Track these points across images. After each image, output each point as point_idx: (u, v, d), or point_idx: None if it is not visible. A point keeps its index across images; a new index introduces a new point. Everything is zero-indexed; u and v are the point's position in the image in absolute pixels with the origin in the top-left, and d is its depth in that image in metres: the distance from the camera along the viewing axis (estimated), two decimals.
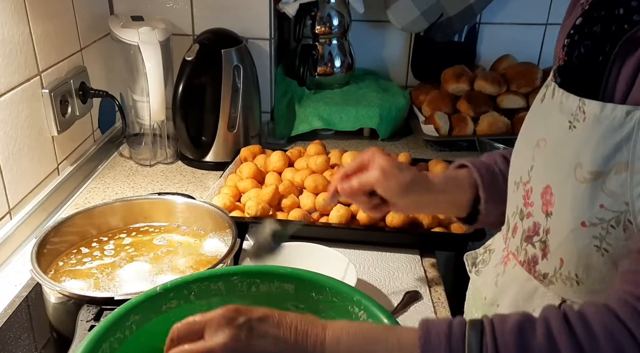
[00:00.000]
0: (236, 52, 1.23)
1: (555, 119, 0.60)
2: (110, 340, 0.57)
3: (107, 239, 0.90)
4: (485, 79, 1.41)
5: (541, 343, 0.43)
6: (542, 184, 0.61)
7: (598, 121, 0.53)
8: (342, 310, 0.64)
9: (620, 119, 0.52)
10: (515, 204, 0.67)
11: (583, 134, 0.55)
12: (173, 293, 0.64)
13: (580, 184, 0.55)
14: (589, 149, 0.54)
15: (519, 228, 0.66)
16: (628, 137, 0.51)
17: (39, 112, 1.06)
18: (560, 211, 0.58)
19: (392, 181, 0.74)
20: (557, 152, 0.59)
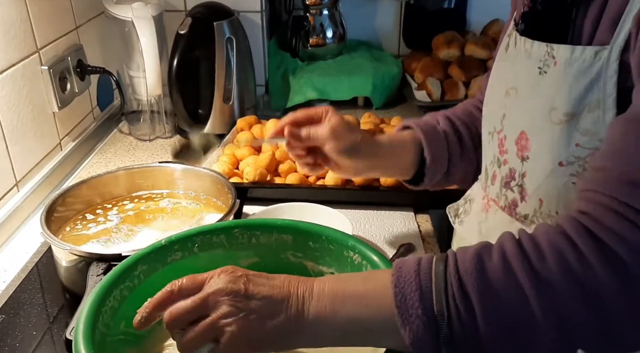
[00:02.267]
0: (228, 25, 1.25)
1: (524, 67, 0.62)
2: (120, 287, 0.61)
3: (110, 206, 0.94)
4: (475, 44, 1.43)
5: (497, 265, 0.47)
6: (516, 131, 0.64)
7: (569, 64, 0.56)
8: (338, 255, 0.67)
9: (590, 60, 0.54)
10: (492, 154, 0.70)
11: (555, 78, 0.57)
12: (177, 246, 0.67)
13: (556, 126, 0.57)
14: (562, 92, 0.56)
15: (498, 175, 0.69)
16: (598, 76, 0.54)
17: (40, 89, 1.09)
18: (538, 154, 0.61)
19: (340, 141, 0.74)
20: (529, 98, 0.61)
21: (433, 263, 0.49)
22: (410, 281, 0.48)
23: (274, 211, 0.93)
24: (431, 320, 0.47)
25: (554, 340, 0.45)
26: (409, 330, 0.47)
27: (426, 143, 0.78)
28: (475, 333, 0.46)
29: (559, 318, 0.45)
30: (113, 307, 0.60)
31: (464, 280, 0.47)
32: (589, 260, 0.45)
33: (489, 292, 0.46)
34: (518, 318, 0.46)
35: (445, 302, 0.47)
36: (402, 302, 0.47)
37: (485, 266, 0.47)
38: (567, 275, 0.45)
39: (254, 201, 1.02)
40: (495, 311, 0.46)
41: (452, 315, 0.46)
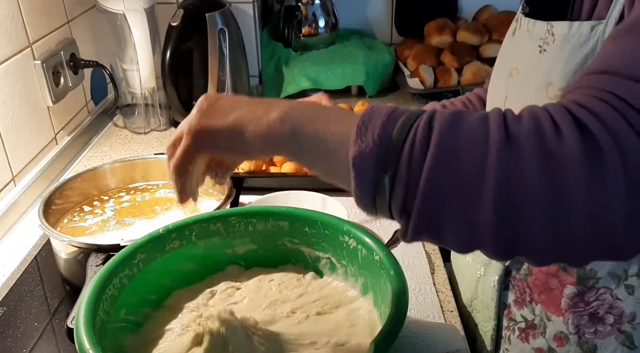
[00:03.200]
0: (220, 16, 1.25)
1: (526, 47, 0.62)
2: (120, 275, 0.62)
3: (107, 198, 0.95)
4: (467, 30, 1.44)
5: (474, 119, 0.43)
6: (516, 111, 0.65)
7: (566, 39, 0.56)
8: (334, 240, 0.68)
9: (586, 35, 0.54)
10: None
11: (553, 54, 0.58)
12: (175, 234, 0.68)
13: (552, 101, 0.58)
14: (559, 67, 0.57)
15: None
16: (593, 51, 0.54)
17: (33, 83, 1.09)
18: None
19: None
20: (529, 77, 0.62)
21: (412, 110, 0.45)
22: (381, 110, 0.44)
23: (270, 200, 0.94)
24: (384, 144, 0.42)
25: (499, 206, 0.40)
26: (357, 146, 0.43)
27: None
28: (419, 173, 0.41)
29: (513, 182, 0.40)
30: (113, 295, 0.61)
31: (434, 122, 0.42)
32: (562, 130, 0.40)
33: (453, 136, 0.41)
34: (469, 170, 0.41)
35: (406, 132, 0.42)
36: (364, 121, 0.44)
37: (461, 117, 0.43)
38: (536, 136, 0.40)
39: (250, 190, 1.03)
40: (449, 154, 0.41)
41: (405, 145, 0.42)
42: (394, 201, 0.43)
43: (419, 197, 0.41)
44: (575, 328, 0.62)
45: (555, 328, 0.63)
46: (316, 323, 0.62)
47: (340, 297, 0.67)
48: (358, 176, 0.43)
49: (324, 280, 0.71)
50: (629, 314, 0.59)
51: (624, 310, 0.59)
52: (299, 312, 0.64)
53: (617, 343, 0.61)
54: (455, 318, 0.76)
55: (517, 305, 0.68)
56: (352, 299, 0.67)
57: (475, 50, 1.44)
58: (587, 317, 0.61)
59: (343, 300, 0.66)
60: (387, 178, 0.42)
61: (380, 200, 0.43)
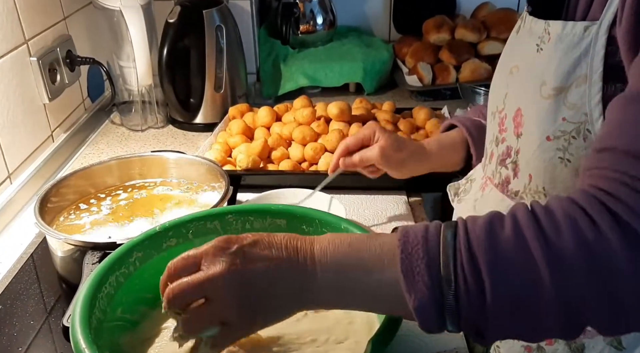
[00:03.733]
0: (218, 13, 1.25)
1: (525, 45, 0.63)
2: (116, 273, 0.62)
3: (104, 196, 0.94)
4: (465, 27, 1.43)
5: (509, 235, 0.45)
6: (514, 109, 0.65)
7: (560, 39, 0.56)
8: None
9: (580, 35, 0.55)
10: (492, 133, 0.71)
11: (547, 54, 0.58)
12: (172, 232, 0.68)
13: (545, 100, 0.58)
14: (552, 66, 0.57)
15: (495, 154, 0.70)
16: (586, 51, 0.54)
17: (29, 80, 1.09)
18: (529, 129, 0.62)
19: (391, 160, 0.84)
20: (526, 75, 0.62)
21: (441, 230, 0.47)
22: (417, 247, 0.47)
23: (267, 198, 0.94)
24: (437, 287, 0.45)
25: (562, 314, 0.44)
26: (414, 296, 0.46)
27: (472, 141, 0.83)
28: (482, 304, 0.45)
29: (569, 291, 0.43)
30: (109, 294, 0.60)
31: (474, 249, 0.45)
32: (603, 231, 0.43)
33: (500, 262, 0.44)
34: (527, 291, 0.44)
35: (453, 269, 0.45)
36: (408, 268, 0.46)
37: (497, 236, 0.45)
38: (582, 246, 0.43)
39: (247, 188, 1.03)
40: (504, 282, 0.44)
41: (459, 283, 0.45)
42: (464, 329, 0.47)
43: (490, 327, 0.46)
44: None
45: None
46: (315, 321, 0.62)
47: None
48: (424, 323, 0.47)
49: None
50: None
51: None
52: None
53: (605, 344, 0.61)
54: None
55: None
56: None
57: (474, 47, 1.43)
58: None
59: None
60: (451, 316, 0.46)
61: (447, 329, 0.48)
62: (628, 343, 0.60)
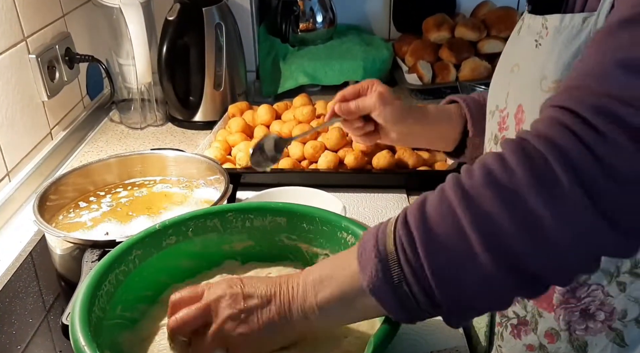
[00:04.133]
0: (217, 10, 1.24)
1: (525, 43, 0.62)
2: (116, 271, 0.61)
3: (104, 193, 0.94)
4: (465, 26, 1.43)
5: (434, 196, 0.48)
6: (515, 106, 0.64)
7: (558, 32, 0.56)
8: (332, 236, 0.68)
9: (578, 27, 0.54)
10: (490, 131, 0.71)
11: (546, 48, 0.58)
12: (172, 230, 0.68)
13: (546, 94, 0.58)
14: (552, 60, 0.56)
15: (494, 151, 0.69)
16: (585, 43, 0.54)
17: (28, 78, 1.08)
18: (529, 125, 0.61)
19: (389, 106, 0.79)
20: (527, 72, 0.62)
21: (392, 218, 0.51)
22: (369, 237, 0.50)
23: (267, 196, 0.94)
24: (383, 262, 0.48)
25: (492, 258, 0.44)
26: (367, 277, 0.48)
27: (470, 115, 0.81)
28: (421, 267, 0.46)
29: (485, 227, 0.44)
30: (109, 292, 0.60)
31: (408, 218, 0.48)
32: (510, 164, 0.44)
33: (426, 221, 0.47)
34: (452, 238, 0.45)
35: (392, 242, 0.48)
36: (361, 256, 0.50)
37: (426, 201, 0.48)
38: (487, 181, 0.44)
39: (247, 186, 1.02)
40: (432, 238, 0.46)
41: (398, 252, 0.47)
42: (422, 304, 0.48)
43: (435, 285, 0.46)
44: (566, 325, 0.61)
45: (546, 324, 0.63)
46: None
47: None
48: (382, 300, 0.48)
49: None
50: (620, 311, 0.59)
51: (615, 307, 0.59)
52: None
53: (608, 341, 0.61)
54: None
55: None
56: None
57: (474, 46, 1.43)
58: (578, 313, 0.61)
59: None
60: (403, 286, 0.47)
61: (414, 309, 0.48)
62: (631, 340, 0.60)
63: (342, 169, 1.04)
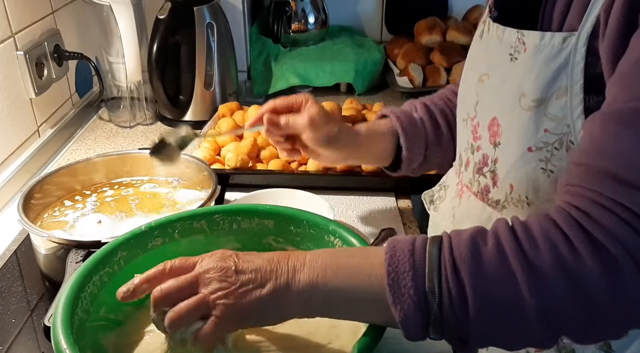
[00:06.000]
0: (209, 10, 1.24)
1: (496, 54, 0.62)
2: (100, 273, 0.61)
3: (89, 192, 0.93)
4: (457, 30, 1.44)
5: (491, 251, 0.47)
6: (488, 117, 0.64)
7: (538, 50, 0.56)
8: (319, 240, 0.68)
9: (558, 46, 0.54)
10: (466, 140, 0.71)
11: (524, 64, 0.58)
12: (158, 231, 0.67)
13: (525, 112, 0.58)
14: (531, 78, 0.57)
15: (471, 161, 0.69)
16: (566, 63, 0.54)
17: (16, 74, 1.07)
18: (508, 140, 0.61)
19: (318, 132, 0.76)
20: (500, 85, 0.62)
21: (427, 244, 0.50)
22: (403, 261, 0.49)
23: (255, 197, 0.93)
24: (422, 300, 0.47)
25: (541, 329, 0.46)
26: (399, 309, 0.47)
27: (402, 131, 0.80)
28: (465, 317, 0.47)
29: (547, 307, 0.46)
30: (92, 293, 0.59)
31: (458, 263, 0.47)
32: (580, 252, 0.45)
33: (482, 277, 0.47)
34: (508, 305, 0.46)
35: (437, 283, 0.47)
36: (394, 281, 0.48)
37: (480, 251, 0.47)
38: (559, 265, 0.45)
39: (235, 187, 1.02)
40: (486, 296, 0.46)
41: (443, 296, 0.47)
42: (447, 338, 0.49)
43: (472, 339, 0.48)
44: None
45: None
46: (296, 325, 0.61)
47: None
48: (409, 333, 0.49)
49: None
50: None
51: None
52: None
53: (595, 348, 0.61)
54: None
55: None
56: None
57: (465, 50, 1.42)
58: None
59: None
60: (435, 327, 0.48)
61: (433, 338, 0.49)
62: (618, 347, 0.60)
63: (331, 172, 1.04)
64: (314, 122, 0.76)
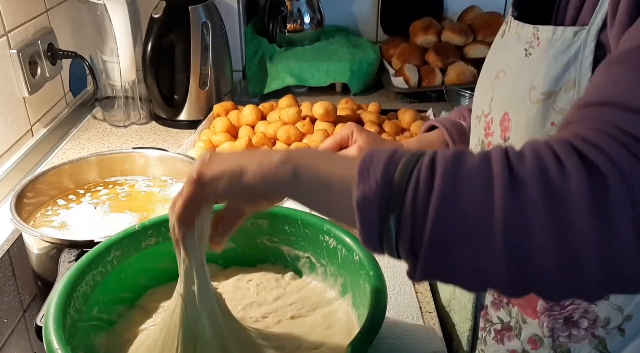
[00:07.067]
0: (204, 9, 1.23)
1: (513, 50, 0.63)
2: (93, 272, 0.60)
3: (83, 192, 0.92)
4: (452, 30, 1.44)
5: (477, 156, 0.42)
6: (500, 113, 0.64)
7: (550, 44, 0.56)
8: (314, 239, 0.68)
9: (569, 40, 0.55)
10: (477, 137, 0.71)
11: (537, 59, 0.58)
12: (151, 231, 0.67)
13: (534, 105, 0.58)
14: (542, 71, 0.57)
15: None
16: (575, 57, 0.54)
17: (8, 73, 1.06)
18: (517, 134, 0.61)
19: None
20: (514, 80, 0.62)
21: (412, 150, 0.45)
22: (383, 152, 0.44)
23: None
24: (386, 186, 0.42)
25: (505, 256, 0.39)
26: (360, 189, 0.42)
27: (452, 142, 0.81)
28: (425, 216, 0.41)
29: (517, 223, 0.39)
30: (85, 293, 0.59)
31: (437, 160, 0.42)
32: (566, 166, 0.39)
33: (457, 174, 0.41)
34: (475, 212, 0.40)
35: (409, 173, 0.42)
36: (366, 163, 0.43)
37: (464, 154, 0.42)
38: (542, 177, 0.39)
39: None
40: (454, 194, 0.40)
41: (409, 186, 0.41)
42: (401, 243, 0.42)
43: (426, 240, 0.41)
44: (550, 331, 0.62)
45: (530, 330, 0.64)
46: (289, 327, 0.61)
47: (318, 299, 0.66)
48: (363, 218, 0.43)
49: (303, 280, 0.70)
50: (603, 319, 0.59)
51: (598, 315, 0.59)
52: (271, 317, 0.63)
53: (591, 348, 0.61)
54: (433, 319, 0.76)
55: (494, 306, 0.68)
56: (331, 300, 0.66)
57: (460, 50, 1.44)
58: (562, 320, 0.61)
59: (321, 302, 0.65)
60: (392, 219, 0.42)
61: (387, 241, 0.43)
62: (614, 348, 0.60)
63: None
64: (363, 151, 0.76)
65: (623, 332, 0.59)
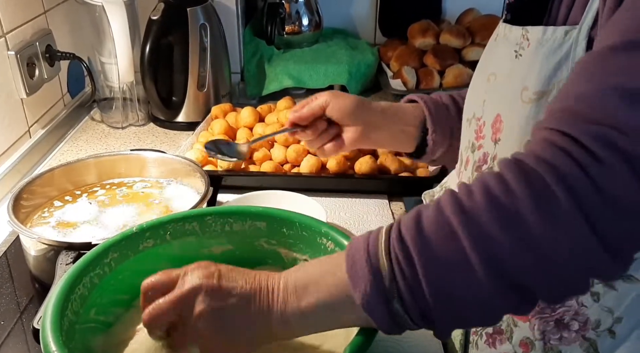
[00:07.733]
0: (202, 11, 1.23)
1: (503, 52, 0.63)
2: (90, 274, 0.60)
3: (80, 193, 0.92)
4: (450, 33, 1.44)
5: (431, 210, 0.48)
6: (492, 115, 0.65)
7: (540, 44, 0.57)
8: (312, 242, 0.67)
9: (560, 40, 0.55)
10: (467, 139, 0.71)
11: (527, 59, 0.58)
12: (149, 233, 0.67)
13: (527, 105, 0.58)
14: (534, 71, 0.57)
15: (470, 160, 0.69)
16: (567, 56, 0.55)
17: (6, 75, 1.06)
18: (508, 135, 0.62)
19: (341, 100, 0.80)
20: (505, 82, 0.62)
21: (382, 230, 0.50)
22: (359, 249, 0.49)
23: (248, 199, 0.93)
24: (377, 278, 0.47)
25: (490, 278, 0.44)
26: (358, 292, 0.47)
27: (428, 113, 0.81)
28: (418, 284, 0.46)
29: (487, 249, 0.44)
30: (82, 295, 0.59)
31: (403, 233, 0.47)
32: (510, 184, 0.44)
33: (423, 236, 0.46)
34: (452, 257, 0.45)
35: (387, 257, 0.47)
36: (352, 268, 0.48)
37: (421, 215, 0.48)
38: (491, 203, 0.44)
39: (228, 189, 1.02)
40: (430, 255, 0.46)
41: (394, 268, 0.46)
42: (415, 319, 0.47)
43: (434, 306, 0.46)
44: (541, 334, 0.62)
45: (521, 333, 0.64)
46: None
47: None
48: (374, 315, 0.48)
49: None
50: (594, 321, 0.59)
51: (589, 317, 0.59)
52: None
53: (582, 350, 0.61)
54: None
55: None
56: None
57: (458, 53, 1.44)
58: (553, 323, 0.61)
59: None
60: (396, 304, 0.47)
61: (402, 323, 0.48)
62: (604, 350, 0.60)
63: (325, 174, 1.04)
64: (334, 94, 0.81)
65: (614, 334, 0.59)
